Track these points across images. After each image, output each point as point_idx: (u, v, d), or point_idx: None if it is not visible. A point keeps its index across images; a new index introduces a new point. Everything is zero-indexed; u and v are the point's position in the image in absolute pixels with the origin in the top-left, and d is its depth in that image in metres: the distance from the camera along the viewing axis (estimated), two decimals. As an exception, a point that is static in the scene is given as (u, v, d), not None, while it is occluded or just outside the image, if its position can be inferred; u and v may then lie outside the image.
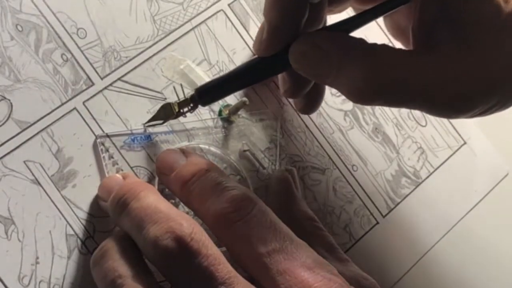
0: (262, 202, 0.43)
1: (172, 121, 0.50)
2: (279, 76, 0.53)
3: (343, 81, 0.44)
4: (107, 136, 0.48)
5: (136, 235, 0.41)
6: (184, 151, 0.48)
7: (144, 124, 0.49)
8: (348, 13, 0.56)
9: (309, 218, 0.49)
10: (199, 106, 0.49)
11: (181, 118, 0.50)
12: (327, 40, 0.44)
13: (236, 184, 0.44)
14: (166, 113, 0.49)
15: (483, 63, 0.42)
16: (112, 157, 0.48)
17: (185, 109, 0.49)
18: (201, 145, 0.51)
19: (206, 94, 0.48)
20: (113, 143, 0.48)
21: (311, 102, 0.53)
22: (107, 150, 0.48)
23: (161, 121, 0.49)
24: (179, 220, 0.40)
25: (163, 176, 0.47)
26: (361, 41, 0.44)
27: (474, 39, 0.42)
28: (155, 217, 0.41)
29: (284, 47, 0.46)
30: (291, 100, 0.55)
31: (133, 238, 0.42)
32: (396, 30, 0.51)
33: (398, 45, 0.52)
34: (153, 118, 0.49)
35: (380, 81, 0.42)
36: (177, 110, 0.48)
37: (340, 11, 0.54)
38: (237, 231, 0.41)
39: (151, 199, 0.42)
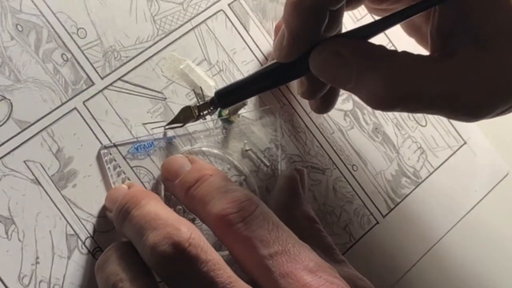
0: (265, 205, 0.43)
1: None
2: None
3: (363, 88, 0.44)
4: (111, 146, 0.48)
5: (137, 242, 0.42)
6: (189, 158, 0.48)
7: (164, 126, 0.50)
8: (360, 11, 0.56)
9: (309, 219, 0.49)
10: (219, 108, 0.50)
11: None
12: (348, 47, 0.44)
13: (239, 187, 0.44)
14: (186, 115, 0.49)
15: (501, 69, 0.43)
16: (119, 166, 0.48)
17: (205, 112, 0.49)
18: (203, 148, 0.51)
19: (225, 97, 0.48)
20: (119, 152, 0.49)
21: (326, 103, 0.53)
22: (112, 160, 0.48)
23: (180, 124, 0.49)
24: (177, 226, 0.40)
25: (168, 182, 0.47)
26: (381, 48, 0.44)
27: (492, 46, 0.43)
28: (154, 224, 0.41)
29: (304, 53, 0.46)
30: (303, 99, 0.55)
31: (134, 245, 0.42)
32: (410, 28, 0.51)
33: (410, 43, 0.52)
34: (173, 121, 0.50)
35: (401, 89, 0.43)
36: (197, 113, 0.49)
37: (352, 10, 0.54)
38: (238, 232, 0.41)
39: (152, 206, 0.43)
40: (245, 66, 0.54)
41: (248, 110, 0.53)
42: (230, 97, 0.49)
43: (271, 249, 0.40)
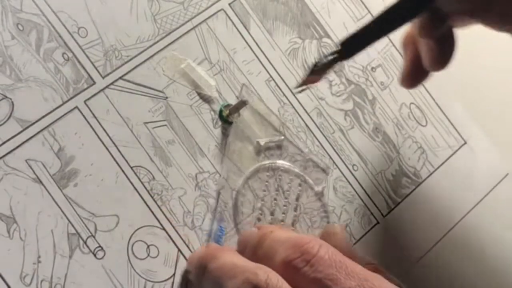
0: (327, 244, 0.43)
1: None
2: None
3: None
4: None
5: None
6: (258, 227, 0.48)
7: (295, 88, 0.50)
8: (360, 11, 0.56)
9: (370, 263, 0.48)
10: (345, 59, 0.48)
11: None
12: None
13: (300, 234, 0.44)
14: (313, 73, 0.48)
15: None
16: None
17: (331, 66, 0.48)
18: (239, 184, 0.52)
19: (350, 45, 0.47)
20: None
21: (445, 51, 0.49)
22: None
23: (306, 86, 0.49)
24: (254, 270, 0.40)
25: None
26: None
27: None
28: (232, 273, 0.41)
29: None
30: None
31: None
32: None
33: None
34: (302, 84, 0.49)
35: None
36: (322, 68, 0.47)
37: None
38: (307, 275, 0.40)
39: (227, 257, 0.43)
40: (246, 65, 0.54)
41: (248, 109, 0.53)
42: (355, 44, 0.47)
43: (344, 285, 0.40)
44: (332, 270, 0.40)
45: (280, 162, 0.53)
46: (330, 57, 0.47)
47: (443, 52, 0.49)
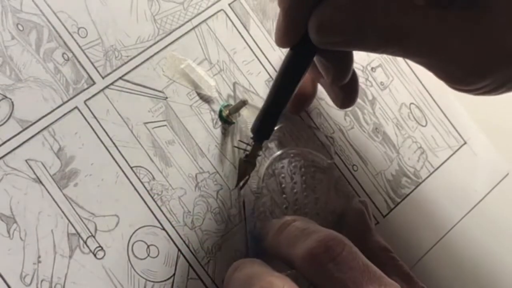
0: (351, 243, 0.43)
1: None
2: (321, 69, 0.49)
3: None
4: None
5: None
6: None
7: (235, 188, 0.51)
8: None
9: (384, 249, 0.49)
10: (264, 141, 0.50)
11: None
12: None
13: (322, 228, 0.44)
14: (244, 168, 0.50)
15: (498, 33, 0.39)
16: None
17: (257, 153, 0.50)
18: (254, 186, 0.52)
19: (261, 130, 0.48)
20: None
21: (350, 92, 0.50)
22: None
23: (247, 177, 0.50)
24: (269, 279, 0.40)
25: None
26: None
27: (493, 4, 0.39)
28: (249, 283, 0.41)
29: (304, 36, 0.44)
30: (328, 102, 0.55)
31: None
32: None
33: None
34: (239, 180, 0.50)
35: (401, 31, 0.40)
36: (250, 159, 0.49)
37: None
38: (330, 273, 0.41)
39: (248, 268, 0.43)
40: (246, 66, 0.54)
41: (248, 109, 0.53)
42: (265, 127, 0.48)
43: None
44: (356, 272, 0.41)
45: (288, 150, 0.53)
46: (250, 147, 0.49)
47: (350, 95, 0.51)
